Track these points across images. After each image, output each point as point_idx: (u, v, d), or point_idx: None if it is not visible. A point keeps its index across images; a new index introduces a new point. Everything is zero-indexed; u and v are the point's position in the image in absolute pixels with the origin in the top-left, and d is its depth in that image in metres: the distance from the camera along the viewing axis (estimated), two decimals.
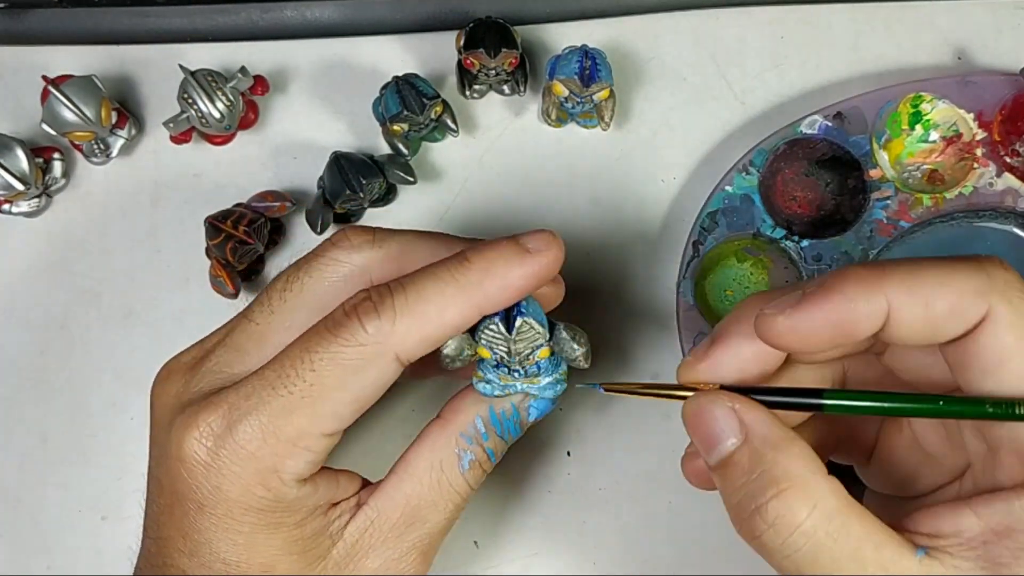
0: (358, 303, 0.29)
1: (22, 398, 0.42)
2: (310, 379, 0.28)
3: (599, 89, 0.40)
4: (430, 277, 0.29)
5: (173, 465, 0.29)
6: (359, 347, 0.28)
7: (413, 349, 0.29)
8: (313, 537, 0.30)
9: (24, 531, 0.41)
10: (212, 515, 0.29)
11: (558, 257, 0.30)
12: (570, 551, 0.41)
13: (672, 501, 0.41)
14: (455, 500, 0.31)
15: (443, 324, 0.29)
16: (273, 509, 0.29)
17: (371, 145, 0.43)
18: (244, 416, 0.28)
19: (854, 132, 0.41)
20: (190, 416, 0.29)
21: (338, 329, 0.28)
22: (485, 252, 0.29)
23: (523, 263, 0.29)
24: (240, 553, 0.29)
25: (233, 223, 0.39)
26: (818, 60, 0.44)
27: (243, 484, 0.28)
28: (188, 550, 0.29)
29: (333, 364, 0.28)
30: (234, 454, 0.28)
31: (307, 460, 0.29)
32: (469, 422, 0.31)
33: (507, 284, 0.29)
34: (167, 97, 0.42)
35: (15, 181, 0.40)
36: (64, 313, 0.43)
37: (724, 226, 0.41)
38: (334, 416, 0.29)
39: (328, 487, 0.30)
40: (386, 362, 0.28)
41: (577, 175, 0.43)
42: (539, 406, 0.33)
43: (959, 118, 0.41)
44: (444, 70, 0.44)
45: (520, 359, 0.31)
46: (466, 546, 0.41)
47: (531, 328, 0.30)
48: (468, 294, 0.29)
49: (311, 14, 0.45)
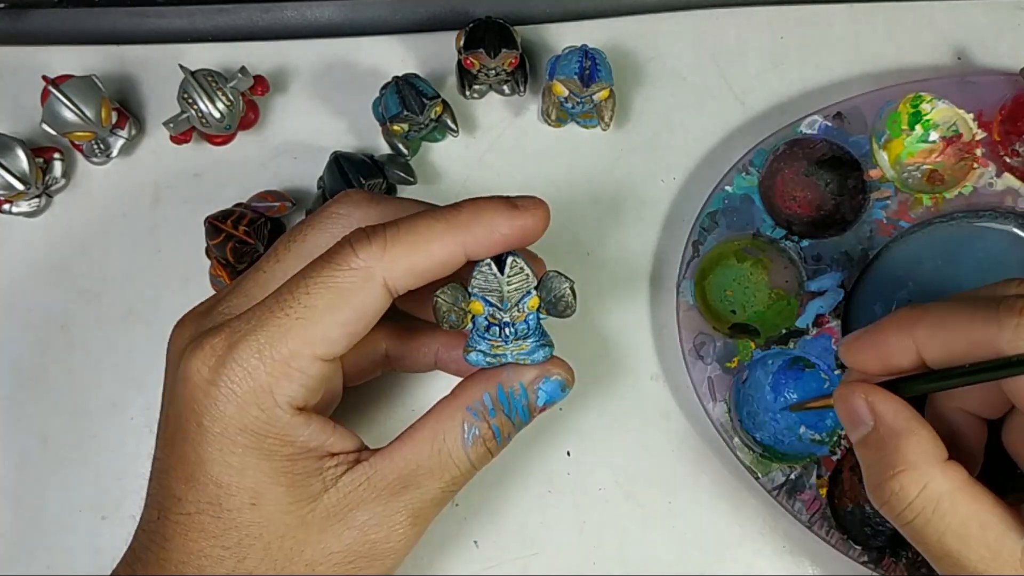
0: (352, 234, 0.31)
1: (22, 398, 0.42)
2: (304, 301, 0.30)
3: (599, 89, 0.40)
4: (422, 215, 0.31)
5: (179, 388, 0.31)
6: (350, 271, 0.30)
7: (401, 276, 0.30)
8: (304, 475, 0.31)
9: (24, 531, 0.41)
10: (209, 432, 0.30)
11: (544, 217, 0.32)
12: (570, 551, 0.41)
13: (672, 501, 0.41)
14: (453, 472, 0.32)
15: (430, 256, 0.30)
16: (266, 432, 0.30)
17: (371, 145, 0.43)
18: (244, 337, 0.30)
19: (854, 132, 0.41)
20: (197, 342, 0.31)
21: (333, 256, 0.30)
22: (477, 200, 0.32)
23: (511, 215, 0.31)
24: (232, 475, 0.30)
25: (233, 223, 0.39)
26: (818, 60, 0.44)
27: (239, 402, 0.30)
28: (185, 476, 0.31)
29: (326, 288, 0.30)
30: (233, 372, 0.30)
31: (300, 383, 0.30)
32: (477, 397, 0.32)
33: (493, 230, 0.31)
34: (167, 97, 0.42)
35: (15, 181, 0.40)
36: (64, 313, 0.43)
37: (724, 226, 0.41)
38: (325, 339, 0.30)
39: (323, 429, 0.31)
40: (375, 287, 0.30)
41: (577, 175, 0.43)
42: (548, 389, 0.33)
43: (959, 118, 0.41)
44: (444, 70, 0.44)
45: (511, 309, 0.31)
46: (466, 546, 0.41)
47: (521, 269, 0.31)
48: (456, 232, 0.30)
49: (311, 14, 0.45)
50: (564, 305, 0.32)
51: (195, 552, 0.30)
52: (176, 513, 0.31)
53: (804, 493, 0.39)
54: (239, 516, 0.30)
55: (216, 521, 0.30)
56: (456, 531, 0.41)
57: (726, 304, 0.42)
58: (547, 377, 0.33)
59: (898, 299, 0.41)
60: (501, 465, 0.41)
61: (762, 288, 0.42)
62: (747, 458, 0.39)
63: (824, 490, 0.39)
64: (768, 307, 0.41)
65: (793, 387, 0.40)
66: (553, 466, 0.41)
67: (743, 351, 0.40)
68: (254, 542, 0.30)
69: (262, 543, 0.30)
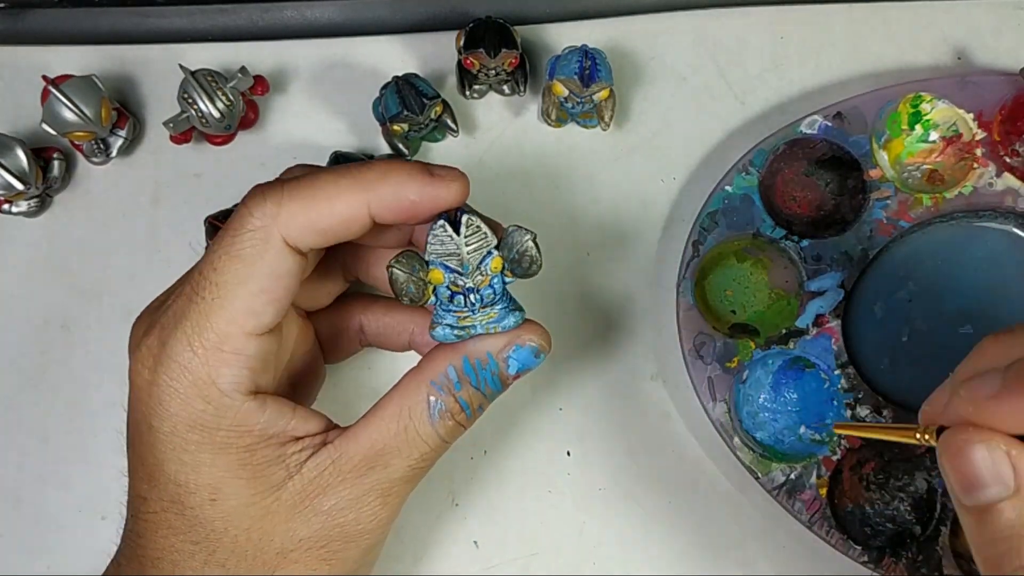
0: (248, 194, 0.29)
1: (22, 398, 0.42)
2: (214, 279, 0.29)
3: (599, 89, 0.40)
4: (327, 170, 0.30)
5: (130, 393, 0.30)
6: (248, 234, 0.28)
7: (301, 233, 0.29)
8: (265, 464, 0.30)
9: (24, 531, 0.41)
10: (159, 433, 0.29)
11: (460, 190, 0.30)
12: (570, 551, 0.41)
13: (672, 501, 0.41)
14: (421, 449, 0.31)
15: (331, 212, 0.29)
16: (216, 425, 0.29)
17: (371, 145, 0.43)
18: (172, 331, 0.29)
19: (854, 132, 0.41)
20: (136, 343, 0.30)
21: (231, 223, 0.29)
22: (389, 161, 0.30)
23: (422, 181, 0.29)
24: (188, 474, 0.29)
25: None
26: (818, 60, 0.44)
27: (182, 398, 0.29)
28: (147, 476, 0.30)
29: (230, 258, 0.29)
30: (169, 369, 0.29)
31: (240, 366, 0.29)
32: (441, 370, 0.31)
33: (400, 193, 0.29)
34: (167, 97, 0.42)
35: (15, 181, 0.40)
36: (64, 313, 0.43)
37: (724, 226, 0.41)
38: (249, 312, 0.29)
39: (280, 413, 0.30)
40: (277, 246, 0.29)
41: (577, 175, 0.43)
42: (519, 357, 0.31)
43: (959, 118, 0.41)
44: (444, 70, 0.44)
45: (473, 273, 0.30)
46: (466, 546, 0.41)
47: (478, 228, 0.30)
48: (360, 189, 0.29)
49: (311, 14, 0.45)
50: (529, 261, 0.30)
51: (167, 548, 0.30)
52: (144, 512, 0.31)
53: (804, 493, 0.39)
54: (201, 512, 0.30)
55: (181, 518, 0.30)
56: (456, 531, 0.41)
57: (726, 304, 0.42)
58: (517, 345, 0.31)
59: (898, 299, 0.41)
60: (501, 465, 0.41)
61: (762, 288, 0.42)
62: (747, 458, 0.39)
63: (824, 490, 0.39)
64: (768, 307, 0.41)
65: (793, 387, 0.40)
66: (553, 466, 0.41)
67: (743, 351, 0.40)
68: (221, 536, 0.30)
69: (229, 536, 0.30)
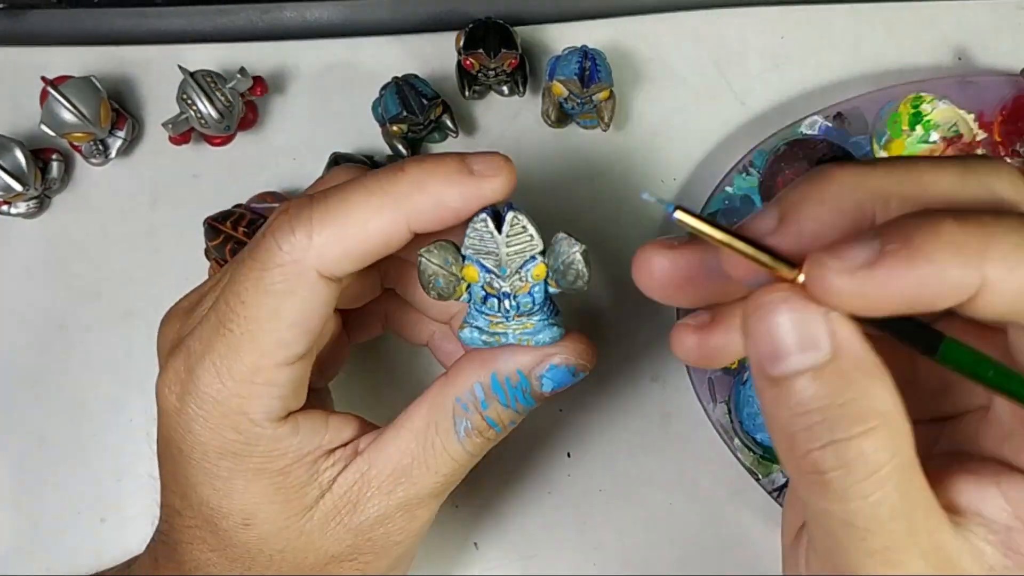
0: (275, 221, 0.27)
1: (22, 398, 0.42)
2: (243, 312, 0.27)
3: (599, 90, 0.40)
4: (357, 185, 0.27)
5: (158, 411, 0.29)
6: (278, 268, 0.26)
7: (336, 264, 0.26)
8: (298, 487, 0.29)
9: (24, 531, 0.41)
10: (191, 459, 0.28)
11: (506, 183, 0.27)
12: (570, 551, 0.41)
13: (672, 501, 0.41)
14: (449, 465, 0.30)
15: (367, 236, 0.26)
16: (249, 453, 0.28)
17: (371, 146, 0.43)
18: (199, 360, 0.27)
19: (854, 133, 0.41)
20: (165, 362, 0.29)
21: (255, 253, 0.27)
22: (424, 163, 0.27)
23: (462, 183, 0.26)
24: (220, 499, 0.28)
25: (232, 224, 0.39)
26: (818, 60, 0.44)
27: (212, 428, 0.28)
28: (179, 493, 0.30)
29: (258, 292, 0.26)
30: (198, 399, 0.27)
31: (273, 396, 0.28)
32: (467, 387, 0.29)
33: (440, 202, 0.26)
34: (166, 98, 0.42)
35: (14, 182, 0.40)
36: (64, 313, 0.43)
37: None
38: (280, 344, 0.27)
39: (313, 430, 0.29)
40: (310, 281, 0.26)
41: (577, 175, 0.43)
42: (554, 376, 0.28)
43: (959, 119, 0.41)
44: (444, 70, 0.44)
45: (511, 277, 0.27)
46: (466, 547, 0.41)
47: (524, 228, 0.26)
48: (396, 205, 0.26)
49: (311, 15, 0.45)
50: (574, 275, 0.26)
51: (203, 561, 0.30)
52: (179, 524, 0.30)
53: None
54: (235, 536, 0.29)
55: (215, 537, 0.29)
56: (456, 532, 0.41)
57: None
58: (552, 364, 0.28)
59: None
60: (501, 466, 0.41)
61: None
62: (748, 459, 0.39)
63: None
64: None
65: None
66: (553, 467, 0.41)
67: None
68: (256, 555, 0.29)
69: (264, 556, 0.29)
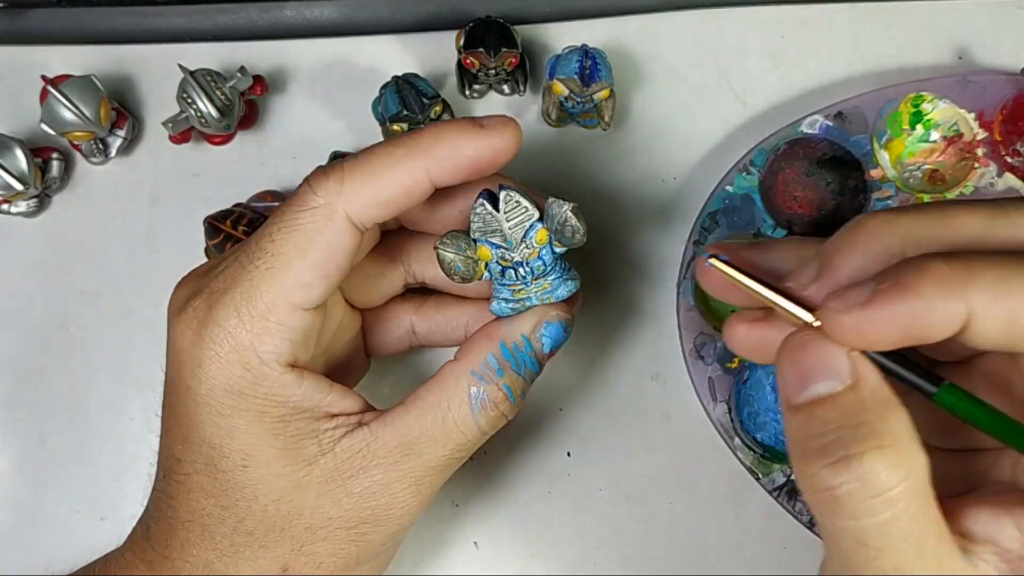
0: (311, 174, 0.30)
1: (22, 398, 0.42)
2: (271, 250, 0.29)
3: (599, 89, 0.40)
4: (383, 144, 0.30)
5: (169, 352, 0.31)
6: (311, 210, 0.29)
7: (364, 208, 0.29)
8: (297, 437, 0.30)
9: (24, 531, 0.41)
10: (197, 394, 0.30)
11: (513, 136, 0.30)
12: (570, 551, 0.41)
13: (672, 501, 0.41)
14: (459, 440, 0.31)
15: (393, 183, 0.29)
16: (253, 393, 0.29)
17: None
18: (221, 296, 0.29)
19: (855, 132, 0.41)
20: (182, 305, 0.30)
21: (293, 199, 0.30)
22: (439, 123, 0.30)
23: (475, 136, 0.30)
24: (222, 437, 0.30)
25: (232, 223, 0.39)
26: (818, 60, 0.44)
27: (223, 362, 0.29)
28: (181, 436, 0.31)
29: (289, 231, 0.29)
30: (214, 333, 0.29)
31: (282, 337, 0.29)
32: (481, 359, 0.31)
33: (457, 152, 0.29)
34: (166, 97, 0.42)
35: (14, 181, 0.40)
36: (64, 313, 0.43)
37: (724, 226, 0.41)
38: (300, 286, 0.29)
39: (317, 388, 0.30)
40: (339, 222, 0.29)
41: (577, 175, 0.43)
42: (550, 334, 0.32)
43: (960, 118, 0.41)
44: (444, 70, 0.44)
45: (519, 247, 0.30)
46: (466, 547, 0.41)
47: (518, 203, 0.30)
48: (417, 156, 0.29)
49: (311, 14, 0.45)
50: (571, 230, 0.30)
51: (197, 511, 0.30)
52: (177, 473, 0.31)
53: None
54: (233, 477, 0.30)
55: (213, 481, 0.30)
56: (456, 532, 0.41)
57: (726, 305, 0.42)
58: (547, 321, 0.32)
59: None
60: (501, 466, 0.41)
61: None
62: (748, 459, 0.39)
63: None
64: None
65: None
66: (553, 467, 0.41)
67: None
68: (251, 503, 0.30)
69: (259, 505, 0.30)
